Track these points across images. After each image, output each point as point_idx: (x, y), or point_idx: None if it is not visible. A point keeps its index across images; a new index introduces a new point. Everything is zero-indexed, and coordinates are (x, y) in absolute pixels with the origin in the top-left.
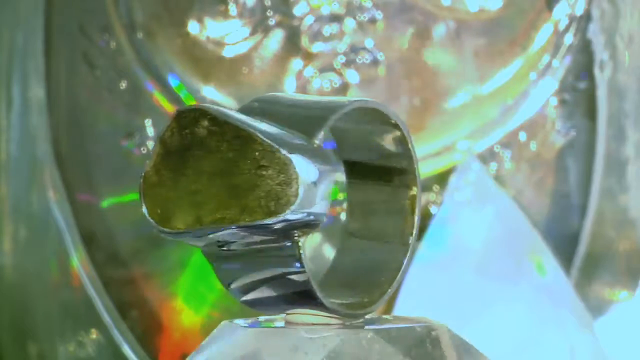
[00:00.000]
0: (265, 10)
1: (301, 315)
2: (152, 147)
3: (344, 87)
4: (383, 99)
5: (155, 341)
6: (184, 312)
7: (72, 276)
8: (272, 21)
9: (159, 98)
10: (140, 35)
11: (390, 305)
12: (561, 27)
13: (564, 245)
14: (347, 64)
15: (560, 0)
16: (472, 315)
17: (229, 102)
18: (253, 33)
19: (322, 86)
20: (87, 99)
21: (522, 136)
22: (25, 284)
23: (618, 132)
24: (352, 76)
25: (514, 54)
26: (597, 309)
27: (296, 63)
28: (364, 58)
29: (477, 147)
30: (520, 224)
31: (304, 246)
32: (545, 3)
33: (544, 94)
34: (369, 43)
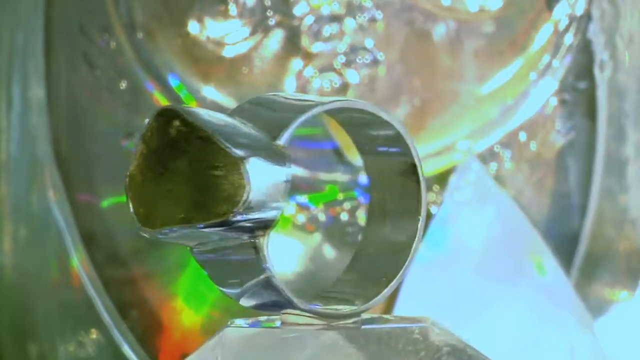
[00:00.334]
0: (265, 10)
1: (298, 315)
2: None
3: (344, 87)
4: (383, 99)
5: (155, 341)
6: (184, 312)
7: (72, 276)
8: (272, 21)
9: (159, 98)
10: (140, 35)
11: (390, 305)
12: (561, 27)
13: (564, 245)
14: (347, 64)
15: (560, 0)
16: (472, 315)
17: (229, 102)
18: (253, 33)
19: (322, 86)
20: (87, 99)
21: (522, 136)
22: (25, 284)
23: (618, 132)
24: (352, 76)
25: (514, 54)
26: (597, 309)
27: (296, 63)
28: (364, 58)
29: (477, 147)
30: (520, 224)
31: (265, 245)
32: (545, 3)
33: (544, 94)
34: (369, 43)
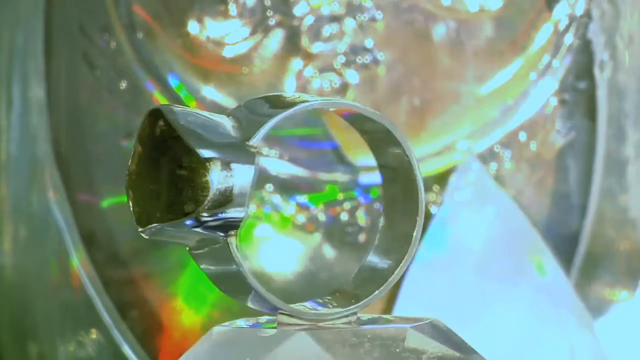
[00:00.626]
0: (265, 10)
1: (290, 316)
2: None
3: (344, 87)
4: (383, 99)
5: (155, 341)
6: (184, 312)
7: (72, 276)
8: (272, 21)
9: (159, 98)
10: (140, 35)
11: (390, 305)
12: (561, 27)
13: (564, 245)
14: (347, 64)
15: (560, 0)
16: (472, 315)
17: (229, 102)
18: (253, 33)
19: (322, 86)
20: (87, 99)
21: (522, 136)
22: (25, 284)
23: (618, 132)
24: (352, 76)
25: (514, 54)
26: (597, 309)
27: (296, 63)
28: (364, 58)
29: (477, 147)
30: (520, 224)
31: (234, 245)
32: (545, 3)
33: (544, 94)
34: (369, 43)
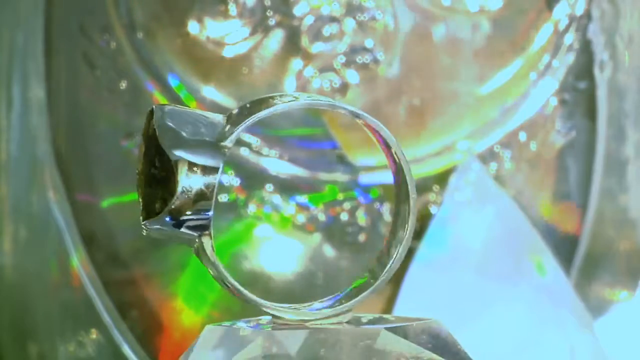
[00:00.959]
0: (265, 10)
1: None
2: None
3: (344, 87)
4: (383, 99)
5: (155, 341)
6: (184, 312)
7: (72, 276)
8: (272, 21)
9: (159, 98)
10: (140, 35)
11: (390, 305)
12: (561, 27)
13: (564, 245)
14: (347, 64)
15: (560, 0)
16: (472, 315)
17: (229, 102)
18: (253, 33)
19: (322, 86)
20: (87, 99)
21: (522, 136)
22: (25, 284)
23: (618, 132)
24: (352, 76)
25: (514, 54)
26: (597, 309)
27: (296, 63)
28: (364, 58)
29: (477, 147)
30: (520, 224)
31: (207, 245)
32: (545, 3)
33: (544, 94)
34: (369, 43)
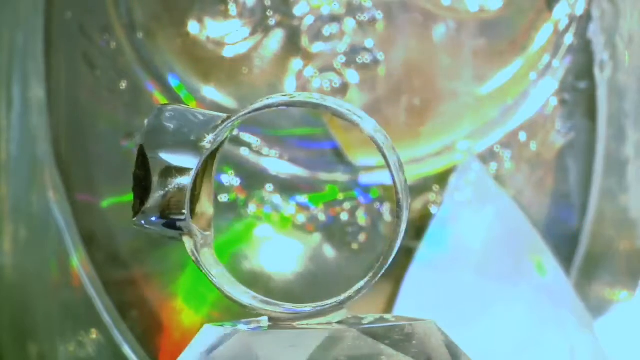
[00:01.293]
0: (265, 10)
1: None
2: None
3: (344, 87)
4: (383, 99)
5: (155, 341)
6: (184, 312)
7: (72, 276)
8: (272, 21)
9: (159, 98)
10: (140, 35)
11: (390, 305)
12: (561, 27)
13: (564, 245)
14: (347, 64)
15: (560, 0)
16: (472, 315)
17: (229, 102)
18: (253, 33)
19: (322, 86)
20: (87, 99)
21: (522, 136)
22: (25, 284)
23: (618, 132)
24: (352, 76)
25: (514, 54)
26: (597, 309)
27: (296, 63)
28: (364, 58)
29: (477, 147)
30: (520, 224)
31: (189, 243)
32: (545, 3)
33: (544, 94)
34: (369, 43)
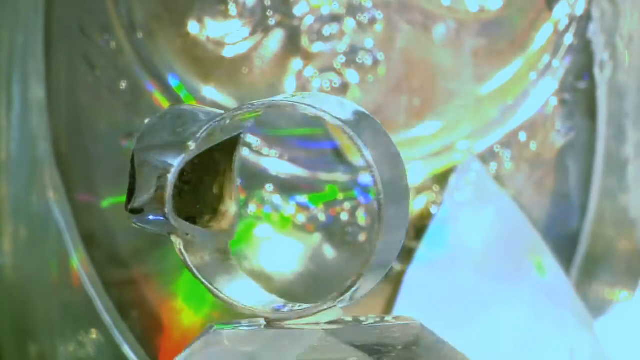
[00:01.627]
0: (265, 10)
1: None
2: None
3: (344, 87)
4: (383, 99)
5: (155, 341)
6: (184, 312)
7: (72, 276)
8: (272, 21)
9: (159, 98)
10: (140, 35)
11: (390, 305)
12: (561, 27)
13: (564, 245)
14: (347, 64)
15: (560, 0)
16: (472, 315)
17: (229, 102)
18: (253, 33)
19: (322, 86)
20: (87, 99)
21: (522, 136)
22: (25, 284)
23: (618, 132)
24: (352, 76)
25: (514, 54)
26: (597, 309)
27: (296, 63)
28: (364, 58)
29: (477, 147)
30: (520, 224)
31: (178, 243)
32: (545, 3)
33: (544, 94)
34: (369, 43)
